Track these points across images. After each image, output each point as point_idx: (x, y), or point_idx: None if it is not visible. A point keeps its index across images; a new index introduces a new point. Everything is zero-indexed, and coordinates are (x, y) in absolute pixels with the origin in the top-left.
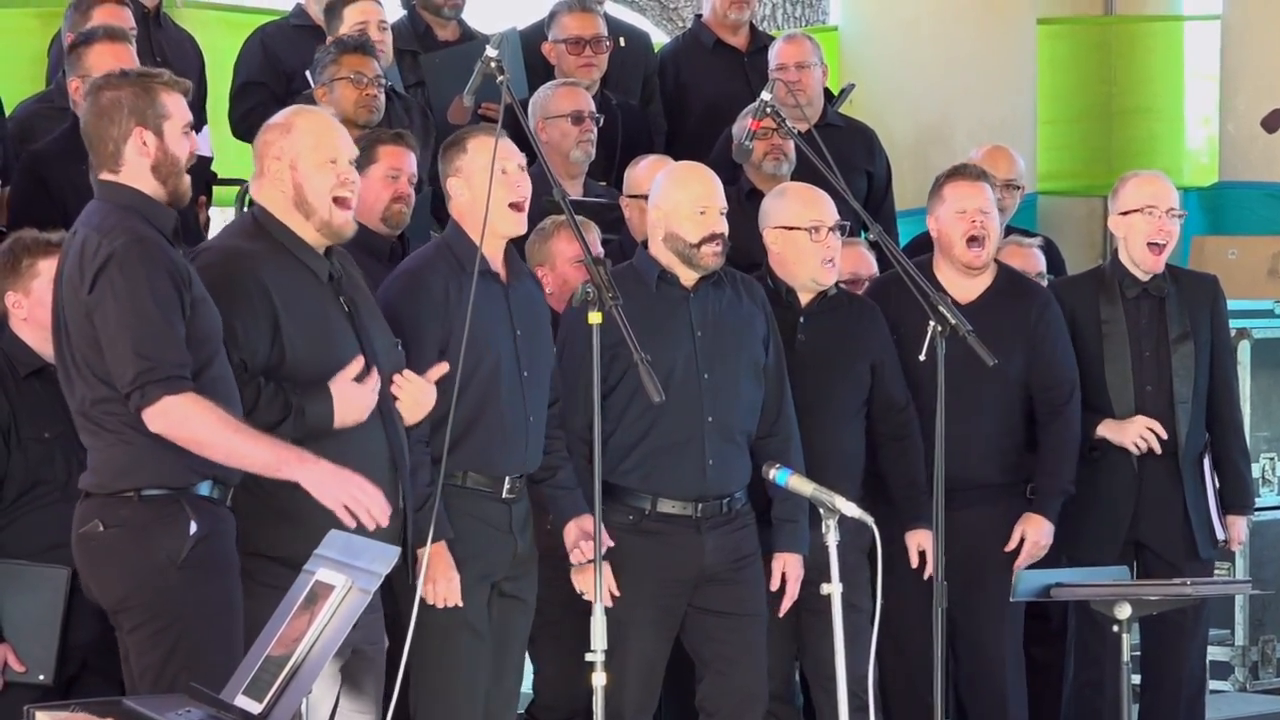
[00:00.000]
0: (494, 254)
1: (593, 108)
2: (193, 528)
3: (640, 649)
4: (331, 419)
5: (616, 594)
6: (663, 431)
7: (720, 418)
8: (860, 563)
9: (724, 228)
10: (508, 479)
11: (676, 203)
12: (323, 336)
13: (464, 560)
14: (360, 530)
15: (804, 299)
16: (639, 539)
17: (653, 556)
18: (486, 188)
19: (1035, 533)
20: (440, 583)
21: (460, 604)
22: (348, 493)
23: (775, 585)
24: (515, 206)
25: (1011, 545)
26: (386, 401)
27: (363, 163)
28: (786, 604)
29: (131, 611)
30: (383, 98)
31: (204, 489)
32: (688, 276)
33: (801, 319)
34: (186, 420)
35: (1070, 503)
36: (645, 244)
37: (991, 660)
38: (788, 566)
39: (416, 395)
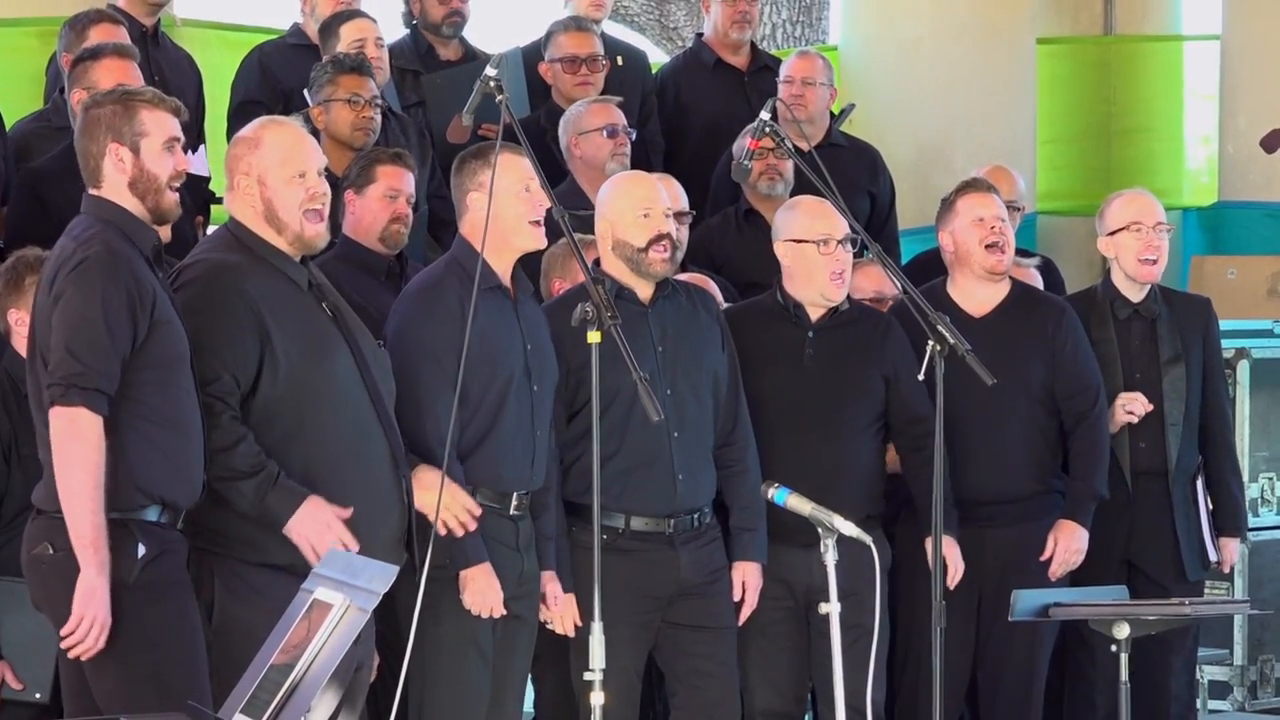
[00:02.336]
0: (504, 270)
1: (625, 122)
2: (141, 550)
3: (620, 666)
4: (285, 518)
5: (579, 624)
6: (631, 450)
7: (685, 432)
8: (873, 582)
9: (670, 229)
10: (515, 495)
11: (620, 210)
12: (314, 344)
13: None
14: (363, 537)
15: (814, 315)
16: (614, 557)
17: (629, 574)
18: (507, 203)
19: (1068, 539)
20: (489, 594)
21: (505, 612)
22: (93, 618)
23: (737, 595)
24: (535, 223)
25: (1046, 554)
26: (384, 406)
27: (361, 182)
28: (745, 613)
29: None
30: (379, 119)
31: (151, 515)
32: (644, 290)
33: (810, 334)
34: (79, 440)
35: None
36: (598, 263)
37: (1020, 678)
38: (747, 576)
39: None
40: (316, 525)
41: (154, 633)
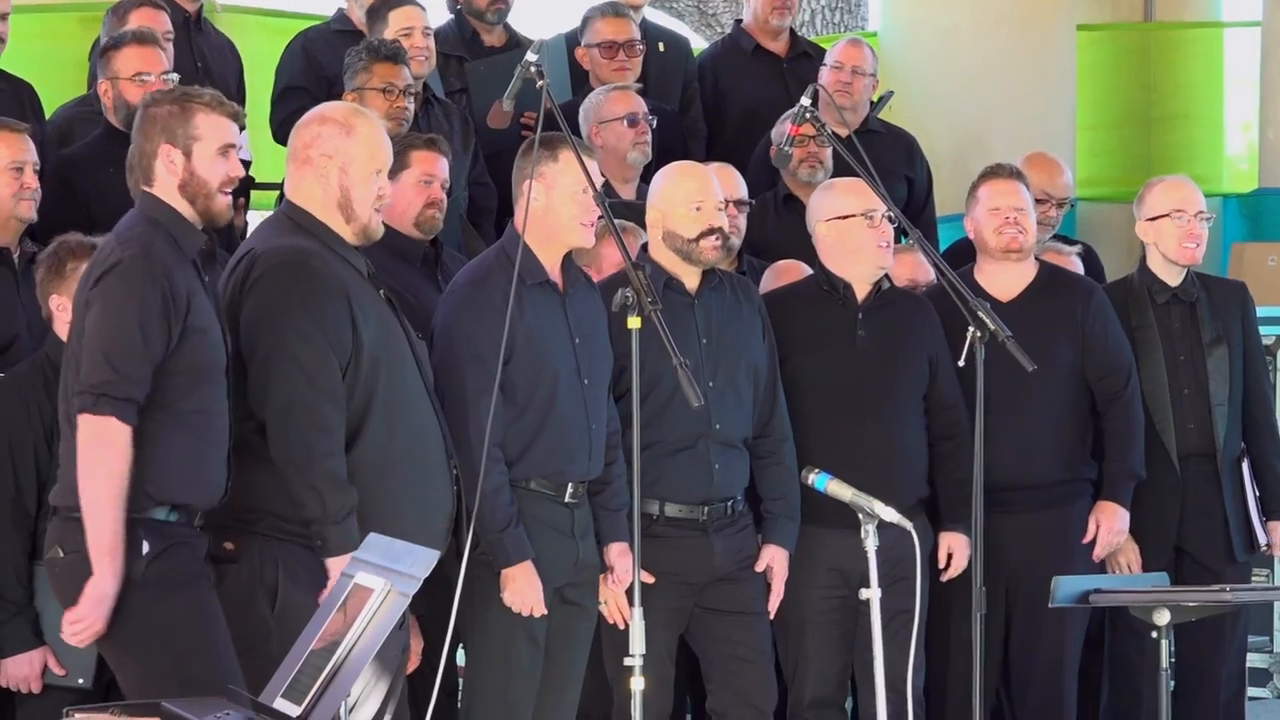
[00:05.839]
0: (552, 264)
1: (646, 109)
2: (145, 547)
3: (655, 651)
4: (335, 551)
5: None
6: (670, 437)
7: (725, 423)
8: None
9: (722, 222)
10: (570, 484)
11: (672, 201)
12: (381, 328)
13: None
14: (410, 522)
15: (860, 294)
16: (649, 543)
17: (663, 560)
18: (564, 201)
19: (1110, 520)
20: (529, 593)
21: (545, 612)
22: (95, 619)
23: (760, 567)
24: (587, 224)
25: (1088, 537)
26: (434, 396)
27: (396, 168)
28: (774, 601)
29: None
30: (412, 108)
31: (159, 514)
32: (691, 280)
33: (860, 315)
34: (107, 449)
35: None
36: (645, 248)
37: (1051, 665)
38: (775, 561)
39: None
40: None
41: (168, 627)
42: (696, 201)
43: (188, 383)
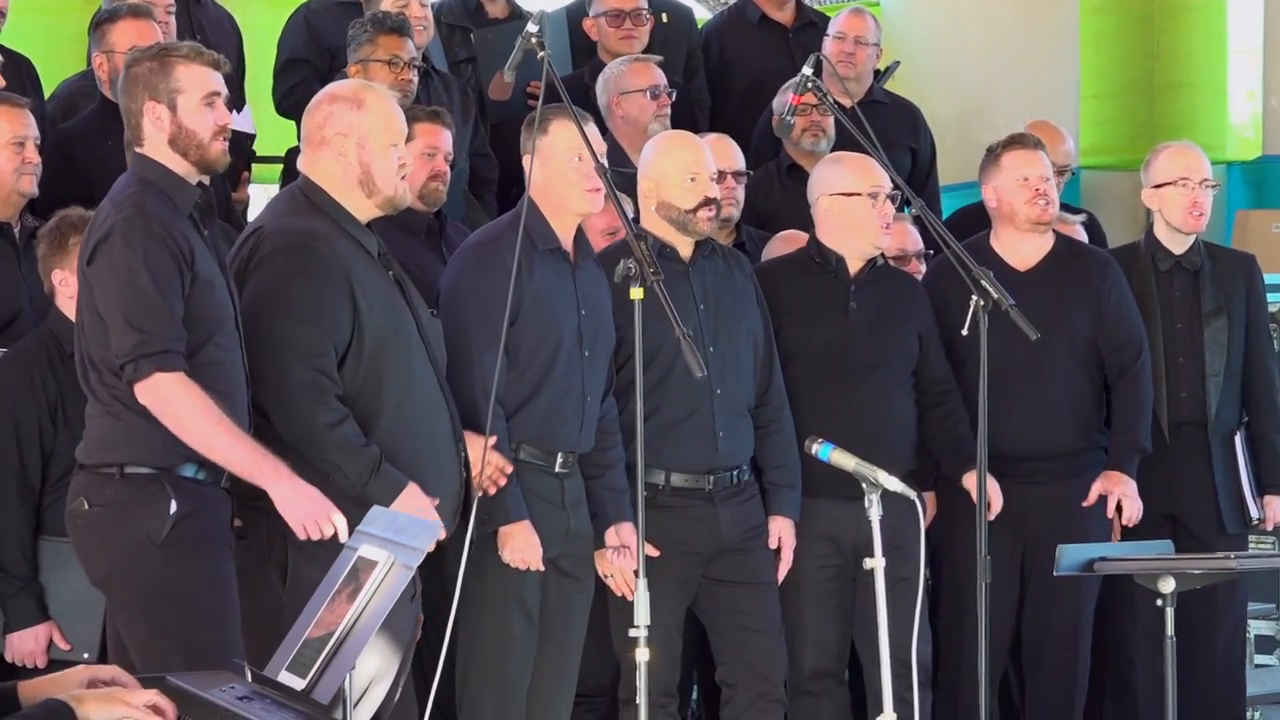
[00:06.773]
0: (565, 233)
1: (666, 81)
2: (173, 507)
3: (662, 622)
4: (385, 504)
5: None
6: (673, 406)
7: (727, 390)
8: (917, 536)
9: (716, 193)
10: (560, 454)
11: (665, 171)
12: (387, 311)
13: None
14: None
15: (853, 268)
16: (655, 514)
17: (670, 531)
18: (562, 168)
19: (1120, 488)
20: (529, 551)
21: (543, 568)
22: (313, 515)
23: (774, 544)
24: (591, 190)
25: (1090, 500)
26: (444, 378)
27: None
28: (783, 570)
29: (116, 590)
30: (416, 80)
31: (188, 470)
32: (685, 248)
33: (852, 287)
34: (174, 399)
35: None
36: (638, 219)
37: (1066, 635)
38: (783, 531)
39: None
40: (413, 506)
41: (182, 590)
42: (691, 172)
43: (201, 334)
